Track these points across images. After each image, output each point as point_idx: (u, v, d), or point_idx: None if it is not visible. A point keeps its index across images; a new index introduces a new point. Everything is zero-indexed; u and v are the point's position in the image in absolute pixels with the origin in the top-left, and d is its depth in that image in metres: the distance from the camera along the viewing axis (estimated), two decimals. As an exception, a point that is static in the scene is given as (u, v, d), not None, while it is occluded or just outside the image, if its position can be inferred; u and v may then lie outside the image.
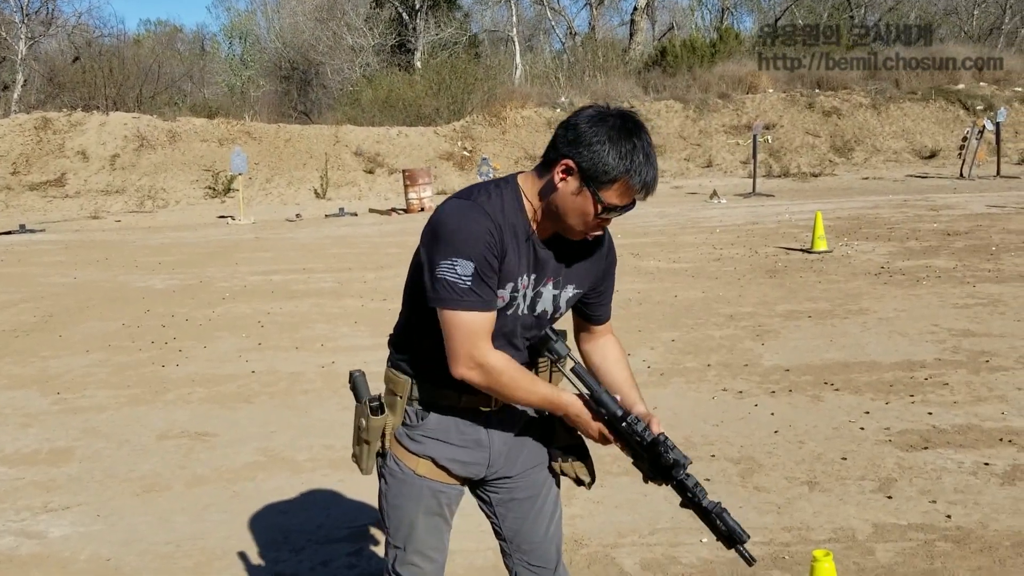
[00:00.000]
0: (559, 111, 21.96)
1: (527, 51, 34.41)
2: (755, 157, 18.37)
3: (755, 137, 18.22)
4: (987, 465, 3.71)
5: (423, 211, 16.49)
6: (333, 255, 11.23)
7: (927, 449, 3.92)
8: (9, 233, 15.42)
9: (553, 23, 35.92)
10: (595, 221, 1.74)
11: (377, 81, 25.48)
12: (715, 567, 2.95)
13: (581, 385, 1.83)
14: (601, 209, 1.71)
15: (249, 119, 23.50)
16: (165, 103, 26.26)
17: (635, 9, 31.86)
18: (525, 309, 1.83)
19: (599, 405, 1.80)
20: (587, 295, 1.94)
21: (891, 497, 3.44)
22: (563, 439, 1.95)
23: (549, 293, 1.85)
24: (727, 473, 3.75)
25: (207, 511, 3.60)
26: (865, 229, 11.26)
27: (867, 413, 4.42)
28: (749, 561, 1.79)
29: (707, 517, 1.79)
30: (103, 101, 23.62)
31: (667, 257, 9.77)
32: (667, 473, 1.79)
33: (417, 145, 21.35)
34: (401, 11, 31.21)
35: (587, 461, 1.98)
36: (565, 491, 2.17)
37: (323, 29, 31.33)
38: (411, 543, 1.92)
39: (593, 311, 1.99)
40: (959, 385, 4.81)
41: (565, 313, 1.93)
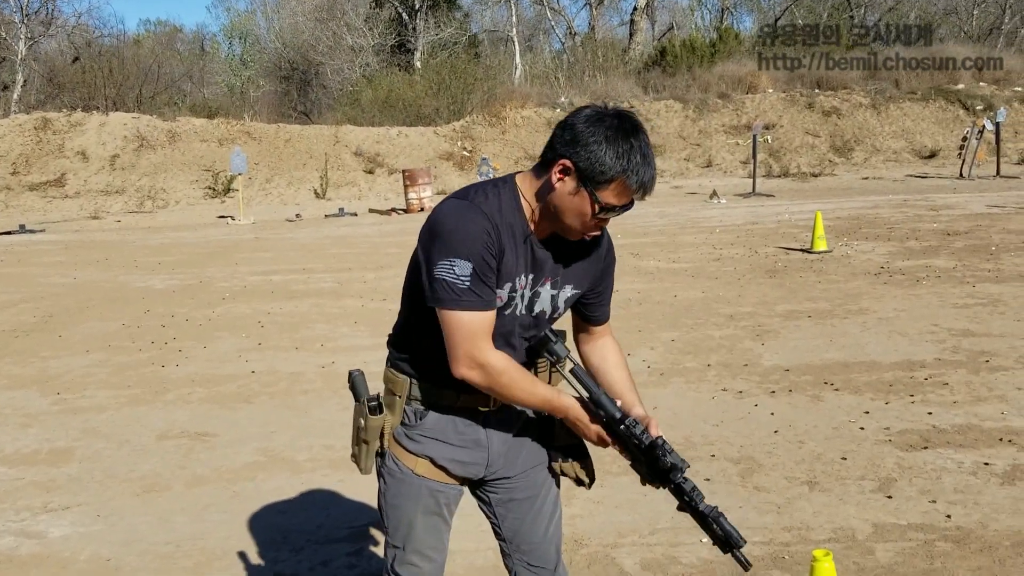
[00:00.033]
0: (559, 111, 21.95)
1: (527, 51, 34.41)
2: (755, 157, 18.37)
3: (755, 137, 18.22)
4: (987, 465, 3.71)
5: (423, 211, 16.48)
6: (333, 255, 11.23)
7: (927, 449, 3.92)
8: (9, 233, 15.43)
9: (553, 23, 35.94)
10: (593, 221, 1.74)
11: (377, 81, 25.48)
12: (715, 567, 2.95)
13: (580, 387, 1.82)
14: (599, 209, 1.71)
15: (249, 119, 23.50)
16: (165, 103, 26.24)
17: (635, 9, 31.87)
18: (523, 309, 1.83)
19: (597, 407, 1.80)
20: (586, 295, 1.94)
21: (891, 497, 3.44)
22: (563, 439, 1.95)
23: (547, 293, 1.85)
24: (727, 473, 3.75)
25: (207, 511, 3.60)
26: (865, 229, 11.25)
27: (867, 413, 4.42)
28: (745, 566, 1.79)
29: (704, 521, 1.79)
30: (103, 101, 23.63)
31: (667, 257, 9.77)
32: (665, 476, 1.79)
33: (417, 145, 21.35)
34: (401, 11, 31.20)
35: (587, 461, 1.98)
36: (565, 491, 2.17)
37: (323, 29, 31.33)
38: (410, 543, 1.92)
39: (592, 312, 1.99)
40: (959, 385, 4.81)
41: (564, 313, 1.93)
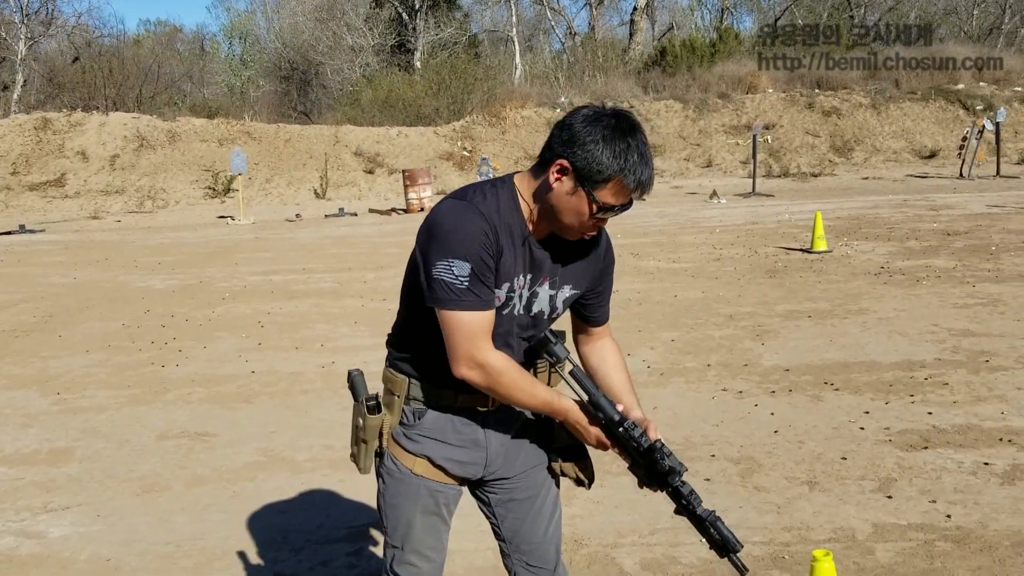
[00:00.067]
0: (559, 111, 21.94)
1: (527, 51, 34.41)
2: (755, 157, 18.37)
3: (755, 137, 18.22)
4: (987, 465, 3.71)
5: (423, 211, 16.48)
6: (333, 255, 11.23)
7: (927, 449, 3.92)
8: (9, 233, 15.43)
9: (553, 23, 35.95)
10: (591, 221, 1.74)
11: (377, 81, 25.48)
12: (715, 567, 2.95)
13: (579, 389, 1.82)
14: (596, 209, 1.70)
15: (249, 119, 23.50)
16: (165, 103, 26.24)
17: (635, 9, 31.87)
18: (521, 309, 1.82)
19: (596, 409, 1.80)
20: (585, 296, 1.94)
21: (891, 497, 3.44)
22: (562, 440, 1.95)
23: (545, 293, 1.84)
24: (727, 473, 3.75)
25: (207, 511, 3.60)
26: (865, 229, 11.25)
27: (867, 413, 4.42)
28: (742, 571, 1.79)
29: (701, 525, 1.79)
30: (103, 101, 23.63)
31: (667, 257, 9.77)
32: (663, 480, 1.79)
33: (417, 145, 21.35)
34: (401, 11, 31.21)
35: (586, 462, 1.98)
36: (565, 491, 2.17)
37: (323, 29, 31.33)
38: (408, 542, 1.92)
39: (591, 312, 1.99)
40: (959, 385, 4.81)
41: (562, 313, 1.92)
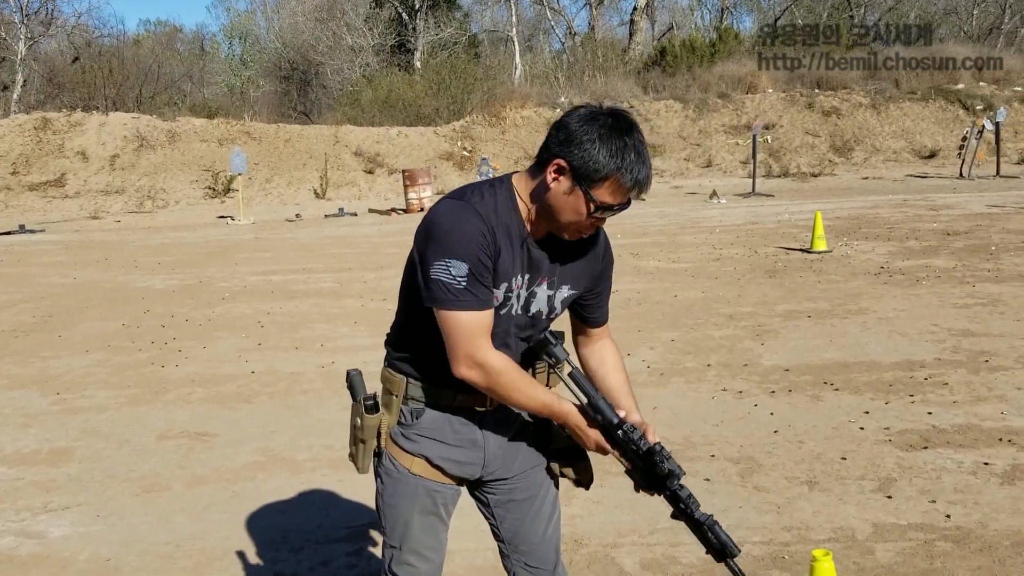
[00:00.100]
0: (559, 111, 21.92)
1: (527, 51, 34.40)
2: (755, 157, 18.37)
3: (755, 137, 18.22)
4: (987, 465, 3.71)
5: (423, 211, 16.47)
6: (333, 255, 11.23)
7: (927, 449, 3.92)
8: (9, 233, 15.43)
9: (553, 23, 35.94)
10: (589, 221, 1.73)
11: (377, 81, 25.48)
12: (714, 567, 2.94)
13: (578, 391, 1.82)
14: (594, 208, 1.70)
15: (249, 119, 23.50)
16: (165, 103, 26.24)
17: (635, 9, 31.87)
18: (519, 309, 1.82)
19: (595, 412, 1.79)
20: (584, 296, 1.94)
21: (891, 497, 3.44)
22: (561, 441, 1.95)
23: (544, 293, 1.84)
24: (727, 473, 3.75)
25: (207, 511, 3.60)
26: (865, 229, 11.25)
27: (867, 413, 4.42)
28: None
29: (699, 529, 1.79)
30: (103, 101, 23.63)
31: (667, 257, 9.77)
32: (661, 483, 1.79)
33: (417, 145, 21.35)
34: (401, 11, 31.20)
35: (586, 463, 1.98)
36: (564, 491, 2.17)
37: (323, 29, 31.33)
38: (407, 542, 1.92)
39: (590, 313, 1.98)
40: (959, 385, 4.81)
41: (561, 314, 1.92)
